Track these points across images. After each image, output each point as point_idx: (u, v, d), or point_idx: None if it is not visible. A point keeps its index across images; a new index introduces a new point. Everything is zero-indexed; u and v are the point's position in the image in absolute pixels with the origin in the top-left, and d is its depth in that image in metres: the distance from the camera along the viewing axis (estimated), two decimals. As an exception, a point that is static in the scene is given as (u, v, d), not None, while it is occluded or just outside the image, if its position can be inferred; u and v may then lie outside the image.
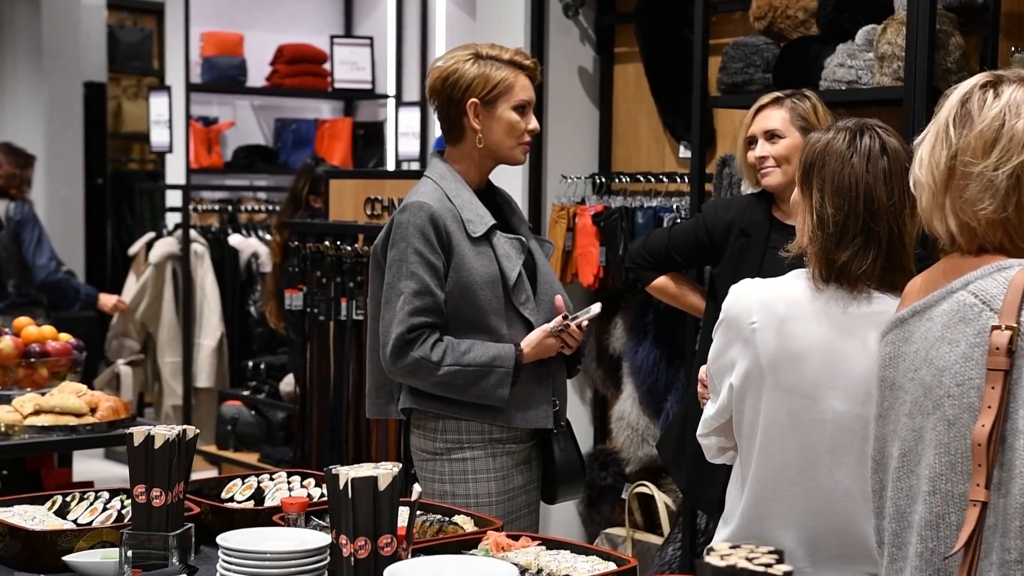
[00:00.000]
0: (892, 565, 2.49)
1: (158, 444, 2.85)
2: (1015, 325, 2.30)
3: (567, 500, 4.04)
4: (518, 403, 3.74)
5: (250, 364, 8.17)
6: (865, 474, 2.81)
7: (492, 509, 3.68)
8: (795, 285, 2.96)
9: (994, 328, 2.32)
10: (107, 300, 8.11)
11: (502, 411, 3.73)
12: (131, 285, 8.76)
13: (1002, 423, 2.30)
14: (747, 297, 3.01)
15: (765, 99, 4.31)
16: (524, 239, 3.79)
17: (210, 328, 8.44)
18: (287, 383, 7.47)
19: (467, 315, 3.69)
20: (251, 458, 7.51)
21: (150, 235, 8.83)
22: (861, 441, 2.85)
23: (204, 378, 8.42)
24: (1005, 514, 2.29)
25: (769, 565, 1.85)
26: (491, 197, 3.89)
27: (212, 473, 7.62)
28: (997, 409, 2.30)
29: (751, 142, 4.30)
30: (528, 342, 3.73)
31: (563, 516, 6.03)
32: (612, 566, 2.77)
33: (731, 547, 1.91)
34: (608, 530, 5.83)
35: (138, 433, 2.86)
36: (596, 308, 3.83)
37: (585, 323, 3.80)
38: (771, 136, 4.23)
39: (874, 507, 2.59)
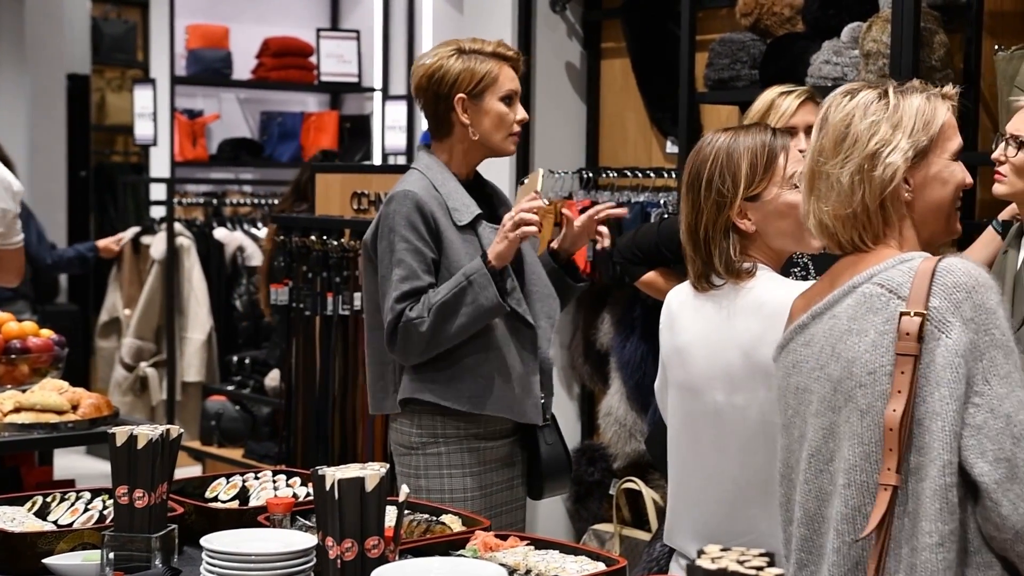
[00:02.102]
0: (801, 572, 2.52)
1: (141, 444, 2.82)
2: (924, 311, 2.35)
3: (553, 495, 4.04)
4: (507, 397, 3.73)
5: (235, 359, 8.12)
6: (747, 460, 2.94)
7: (467, 505, 3.66)
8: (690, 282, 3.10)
9: (902, 314, 2.37)
10: (108, 244, 8.14)
11: (495, 403, 3.71)
12: (113, 280, 8.72)
13: (913, 407, 2.34)
14: (666, 299, 3.20)
15: (800, 91, 4.17)
16: None
17: (199, 322, 8.39)
18: (272, 378, 7.43)
19: None
20: (235, 454, 7.47)
21: (135, 229, 8.78)
22: (741, 429, 2.94)
23: (194, 372, 8.38)
24: (920, 497, 2.33)
25: (761, 568, 1.84)
26: (480, 188, 3.89)
27: (196, 469, 7.59)
28: (908, 393, 2.34)
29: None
30: (493, 249, 3.65)
31: (550, 512, 6.02)
32: (601, 566, 2.75)
33: (722, 550, 1.89)
34: (596, 526, 5.81)
35: (121, 433, 2.83)
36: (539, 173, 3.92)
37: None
38: (810, 132, 4.13)
39: (781, 518, 2.63)
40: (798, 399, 2.52)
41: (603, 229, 3.89)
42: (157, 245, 8.38)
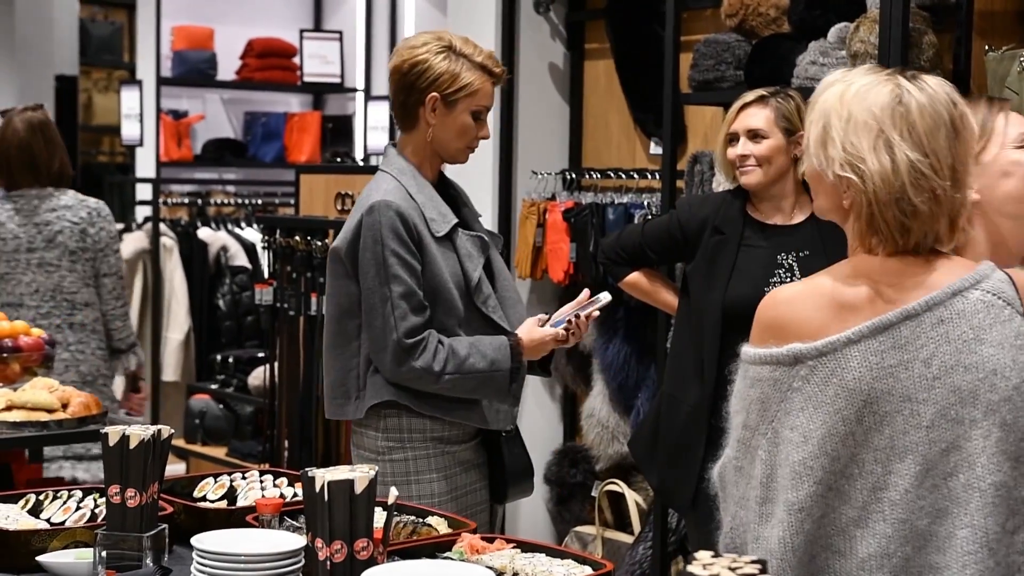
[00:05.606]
0: None
1: (133, 444, 2.83)
2: None
3: (518, 499, 3.98)
4: (478, 405, 3.67)
5: (218, 358, 8.15)
6: None
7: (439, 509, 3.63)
8: None
9: None
10: None
11: (466, 411, 3.65)
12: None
13: None
14: None
15: (749, 96, 4.28)
16: (484, 237, 3.72)
17: (177, 322, 8.41)
18: (255, 377, 7.46)
19: (433, 315, 3.60)
20: (219, 452, 7.49)
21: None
22: None
23: (171, 372, 8.40)
24: None
25: (753, 575, 1.83)
26: (445, 191, 3.78)
27: (180, 467, 7.61)
28: None
29: (732, 139, 4.28)
30: (529, 338, 3.66)
31: (532, 514, 6.03)
32: (588, 570, 2.74)
33: (713, 556, 1.88)
34: (578, 528, 5.83)
35: (113, 433, 2.84)
36: (605, 297, 3.75)
37: (595, 314, 3.75)
38: (754, 135, 4.21)
39: (809, 536, 2.31)
40: (895, 407, 2.28)
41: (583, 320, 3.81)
42: (128, 245, 8.37)
